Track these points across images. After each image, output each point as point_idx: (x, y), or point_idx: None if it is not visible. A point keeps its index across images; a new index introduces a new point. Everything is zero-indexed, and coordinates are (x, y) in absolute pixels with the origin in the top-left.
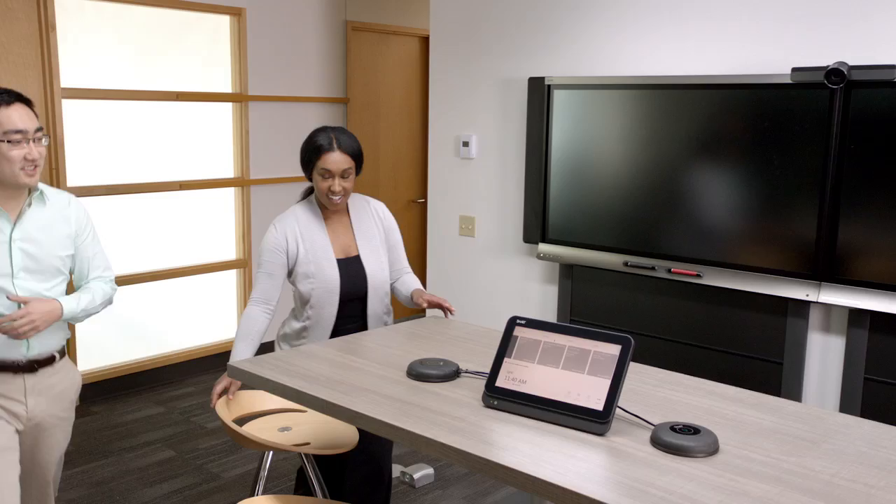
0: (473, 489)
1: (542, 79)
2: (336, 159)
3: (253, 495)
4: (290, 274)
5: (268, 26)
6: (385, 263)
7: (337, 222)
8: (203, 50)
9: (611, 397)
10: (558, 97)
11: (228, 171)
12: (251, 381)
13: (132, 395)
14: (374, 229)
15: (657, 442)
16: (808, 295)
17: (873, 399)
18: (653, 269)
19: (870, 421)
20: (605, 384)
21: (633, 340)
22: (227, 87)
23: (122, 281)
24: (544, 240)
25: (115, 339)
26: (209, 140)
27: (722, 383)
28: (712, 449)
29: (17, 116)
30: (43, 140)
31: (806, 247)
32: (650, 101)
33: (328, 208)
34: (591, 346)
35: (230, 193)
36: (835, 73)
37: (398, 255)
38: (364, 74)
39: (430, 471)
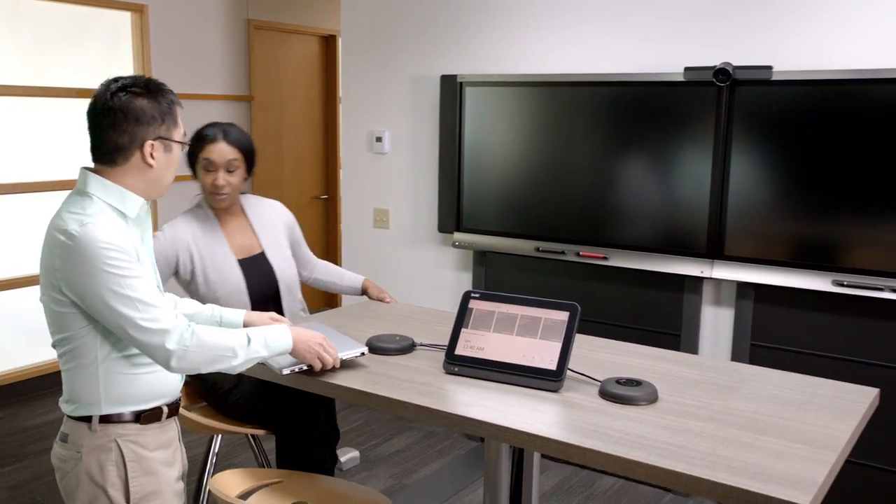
0: (398, 468)
1: (455, 76)
2: (221, 149)
3: (203, 477)
4: (189, 283)
5: (170, 23)
6: (291, 260)
7: (233, 224)
8: (105, 46)
9: (562, 358)
10: (470, 94)
11: None
12: None
13: (38, 398)
14: (277, 226)
15: (606, 394)
16: (702, 272)
17: (759, 362)
18: (563, 253)
19: (774, 370)
20: (556, 347)
21: (579, 307)
22: None
23: (24, 282)
24: (459, 229)
25: (15, 343)
26: None
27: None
28: (653, 398)
29: None
30: None
31: (699, 229)
32: (556, 97)
33: (217, 208)
34: (541, 313)
35: None
36: (722, 73)
37: (305, 248)
38: (267, 73)
39: (356, 453)
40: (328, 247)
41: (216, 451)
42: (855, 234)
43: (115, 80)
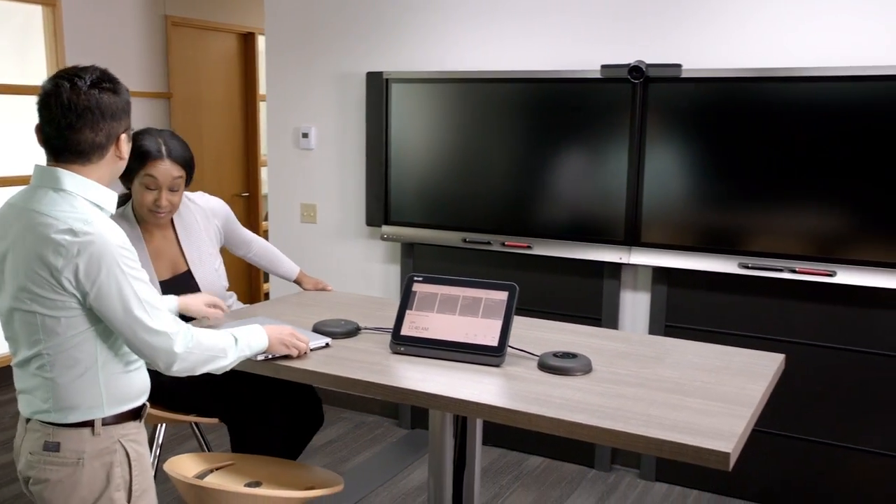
0: (331, 458)
1: (381, 73)
2: (166, 169)
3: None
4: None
5: (85, 18)
6: (220, 268)
7: (159, 237)
8: (15, 42)
9: (503, 334)
10: (396, 90)
11: None
12: None
13: None
14: (203, 233)
15: (545, 366)
16: (620, 258)
17: None
18: (488, 243)
19: (693, 342)
20: (497, 325)
21: (517, 287)
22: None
23: None
24: (387, 222)
25: None
26: (26, 135)
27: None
28: (588, 369)
29: None
30: None
31: (617, 218)
32: (480, 93)
33: (149, 222)
34: (482, 294)
35: None
36: (635, 70)
37: (240, 231)
38: (185, 70)
39: None
40: None
41: (160, 441)
42: (758, 221)
43: (75, 75)
